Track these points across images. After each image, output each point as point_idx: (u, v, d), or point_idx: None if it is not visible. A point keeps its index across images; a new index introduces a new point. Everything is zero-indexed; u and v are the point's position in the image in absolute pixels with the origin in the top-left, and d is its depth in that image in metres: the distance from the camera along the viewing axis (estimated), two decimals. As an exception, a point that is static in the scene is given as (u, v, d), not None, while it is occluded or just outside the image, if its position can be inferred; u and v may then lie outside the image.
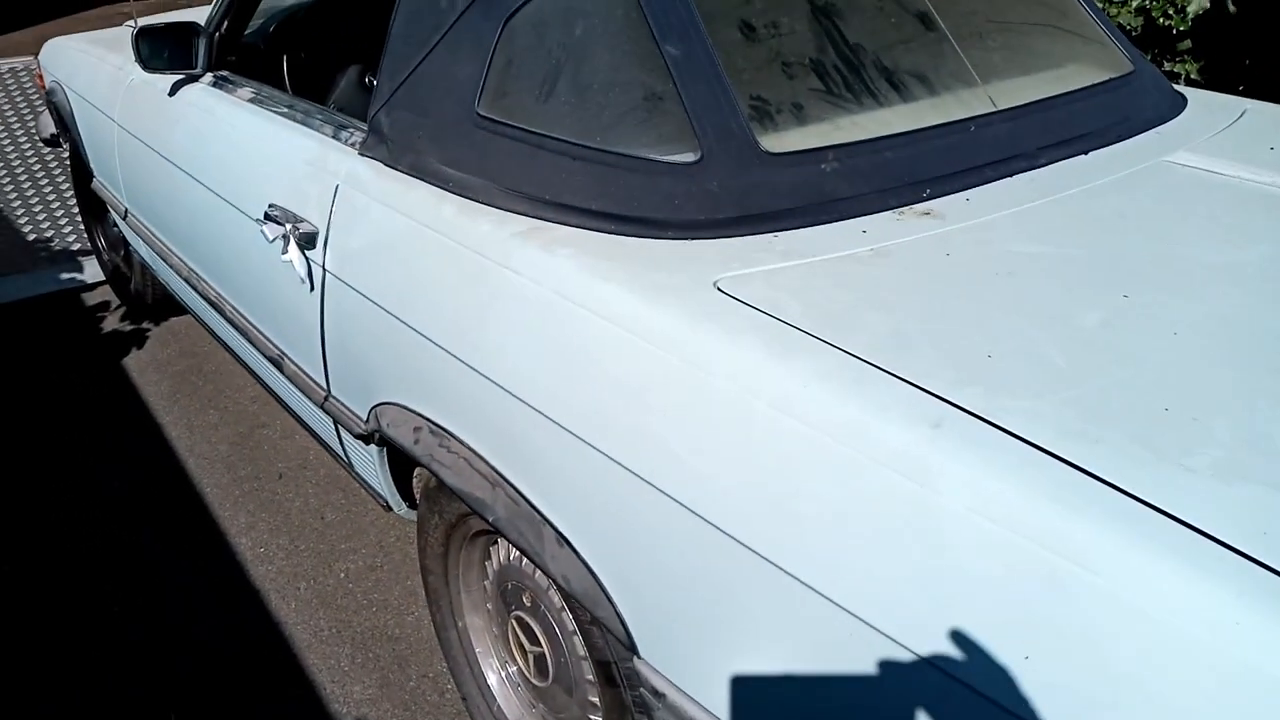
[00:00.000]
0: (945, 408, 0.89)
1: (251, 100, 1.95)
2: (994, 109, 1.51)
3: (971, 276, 1.13)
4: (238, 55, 2.24)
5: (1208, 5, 2.21)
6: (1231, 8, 2.18)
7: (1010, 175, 1.44)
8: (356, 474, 1.80)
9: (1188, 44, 2.42)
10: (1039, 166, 1.47)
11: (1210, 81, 2.46)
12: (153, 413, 2.74)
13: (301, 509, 2.34)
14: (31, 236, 3.66)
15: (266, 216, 1.65)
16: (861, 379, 0.94)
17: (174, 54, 2.11)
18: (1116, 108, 1.66)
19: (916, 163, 1.38)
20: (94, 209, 3.26)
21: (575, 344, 1.14)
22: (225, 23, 2.16)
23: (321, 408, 1.69)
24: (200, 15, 2.29)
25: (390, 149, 1.52)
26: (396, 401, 1.45)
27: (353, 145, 1.61)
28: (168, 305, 3.08)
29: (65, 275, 3.48)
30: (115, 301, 3.34)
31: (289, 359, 1.80)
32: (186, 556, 2.18)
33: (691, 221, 1.23)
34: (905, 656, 0.84)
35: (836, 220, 1.27)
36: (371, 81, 2.44)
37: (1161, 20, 2.37)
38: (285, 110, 1.84)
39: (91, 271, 3.48)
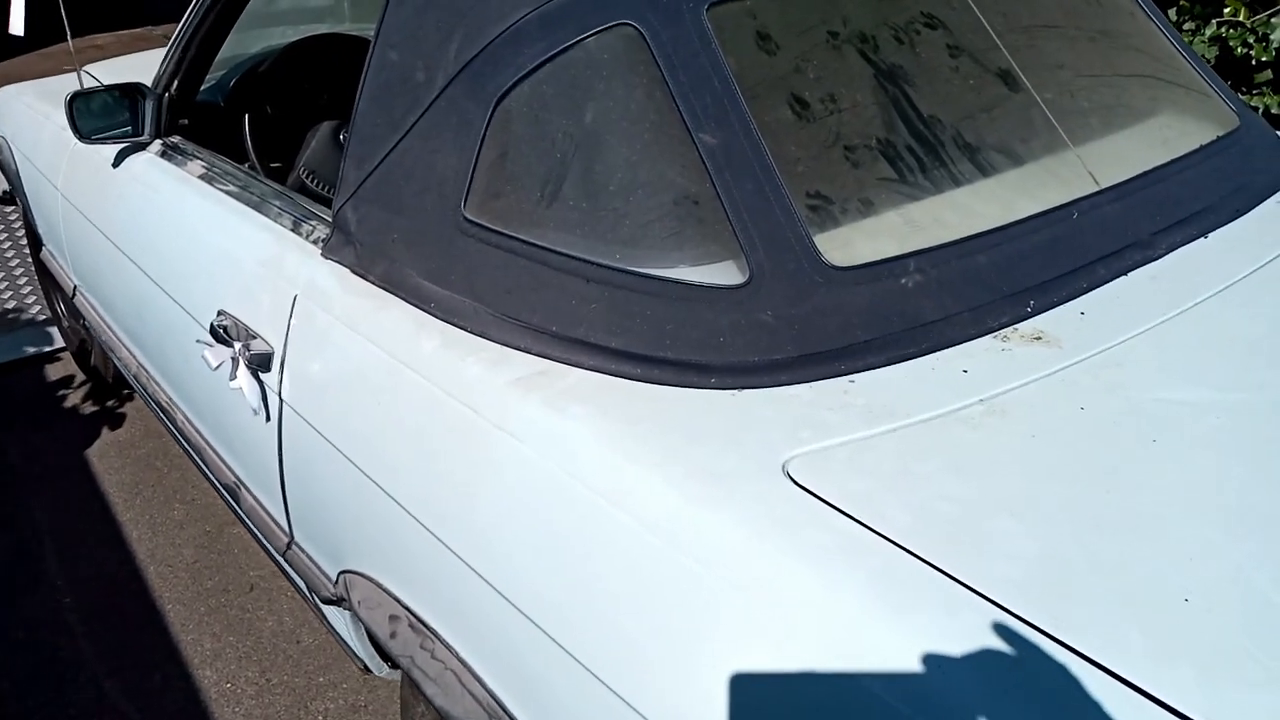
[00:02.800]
0: (1150, 710, 0.61)
1: (203, 176, 1.67)
2: (1097, 187, 1.23)
3: (1121, 447, 0.85)
4: (191, 117, 1.97)
5: (1294, 34, 1.95)
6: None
7: (1126, 273, 1.16)
8: (329, 625, 1.52)
9: (1268, 75, 2.15)
10: (1157, 258, 1.19)
11: (1289, 117, 2.20)
12: (111, 508, 2.45)
13: (275, 630, 2.05)
14: (-11, 299, 3.38)
15: (213, 330, 1.37)
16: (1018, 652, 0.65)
17: (115, 120, 1.83)
18: (1230, 173, 1.39)
19: (1015, 266, 1.10)
20: (52, 276, 2.98)
21: (592, 546, 0.86)
22: (175, 82, 1.89)
23: (283, 556, 1.41)
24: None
25: (359, 253, 1.24)
26: (369, 574, 1.16)
27: (316, 243, 1.33)
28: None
29: (25, 343, 3.19)
30: (79, 375, 3.05)
31: (247, 489, 1.51)
32: (139, 694, 1.89)
33: (741, 365, 0.95)
34: None
35: (926, 353, 0.99)
36: (345, 139, 2.16)
37: (1240, 50, 2.09)
38: (239, 191, 1.56)
39: (54, 341, 3.20)
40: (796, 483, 0.80)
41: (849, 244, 1.04)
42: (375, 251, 1.21)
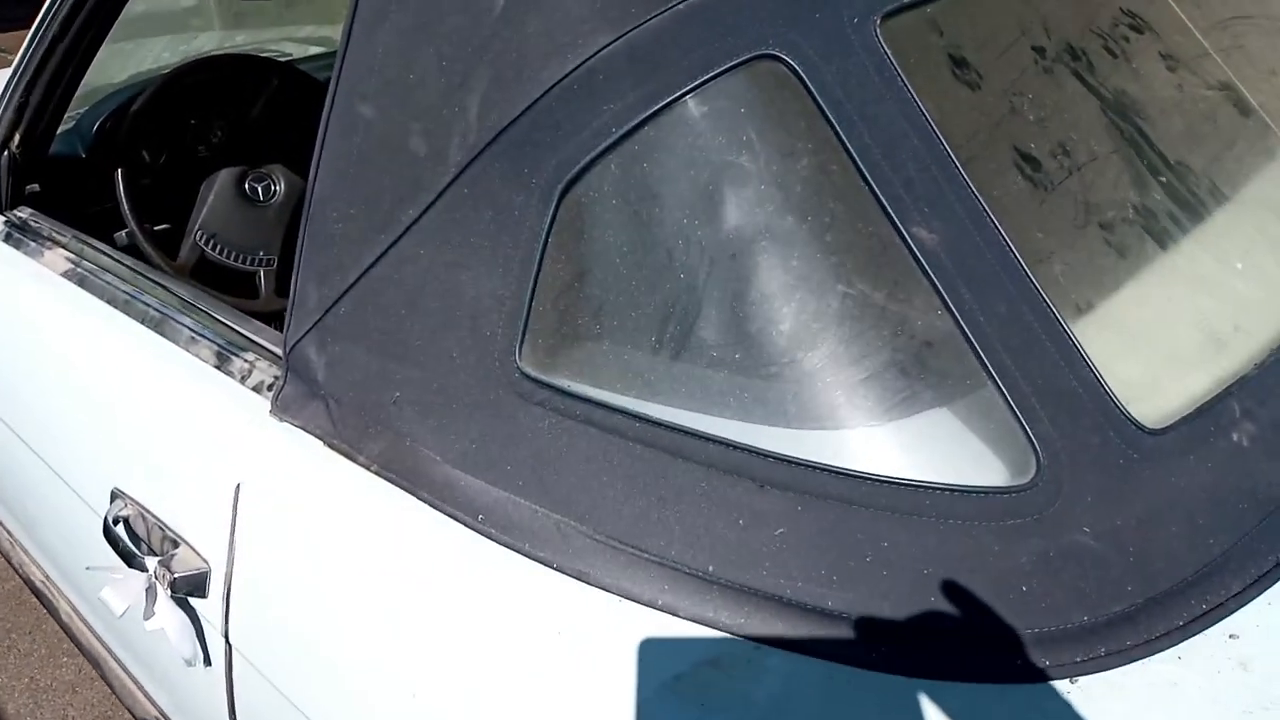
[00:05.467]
0: None
1: (68, 273, 1.19)
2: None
3: None
4: (44, 178, 1.47)
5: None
6: None
7: None
8: None
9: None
10: None
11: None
12: (-21, 669, 1.93)
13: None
14: None
15: (108, 531, 0.91)
16: None
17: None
18: None
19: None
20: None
21: None
22: (18, 133, 1.39)
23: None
24: None
25: (335, 416, 0.80)
26: None
27: (259, 390, 0.89)
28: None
29: None
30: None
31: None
32: None
33: (1065, 630, 0.57)
34: None
35: (1299, 566, 0.63)
36: (253, 189, 1.70)
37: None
38: (125, 294, 1.09)
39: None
40: None
41: (1146, 384, 0.67)
42: (364, 416, 0.78)
